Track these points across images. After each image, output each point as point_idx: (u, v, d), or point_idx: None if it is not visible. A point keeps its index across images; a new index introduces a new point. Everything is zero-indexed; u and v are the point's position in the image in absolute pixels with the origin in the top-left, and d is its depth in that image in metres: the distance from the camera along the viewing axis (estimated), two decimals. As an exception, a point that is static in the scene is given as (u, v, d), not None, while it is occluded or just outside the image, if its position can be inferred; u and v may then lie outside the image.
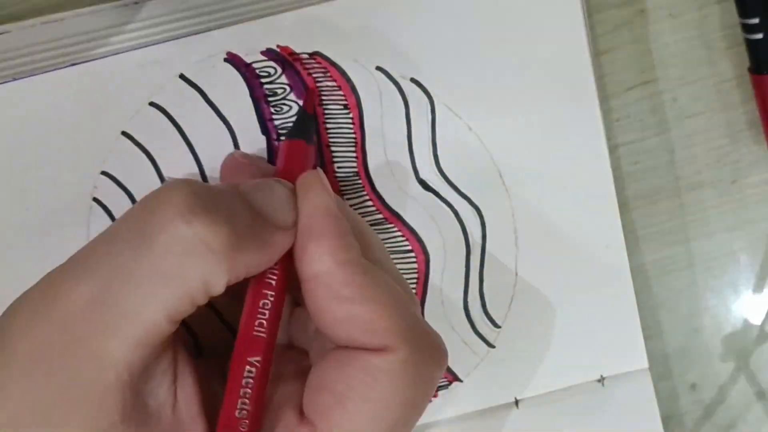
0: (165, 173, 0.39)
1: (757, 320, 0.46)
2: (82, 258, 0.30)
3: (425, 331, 0.32)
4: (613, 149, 0.42)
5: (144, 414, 0.29)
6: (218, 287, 0.29)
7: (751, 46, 0.40)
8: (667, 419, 0.45)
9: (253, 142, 0.38)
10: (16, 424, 0.28)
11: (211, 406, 0.31)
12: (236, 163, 0.37)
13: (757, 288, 0.45)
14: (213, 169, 0.39)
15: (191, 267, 0.28)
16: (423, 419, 0.41)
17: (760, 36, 0.39)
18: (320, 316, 0.31)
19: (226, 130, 0.38)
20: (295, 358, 0.35)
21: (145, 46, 0.37)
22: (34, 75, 0.37)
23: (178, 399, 0.30)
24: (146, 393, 0.29)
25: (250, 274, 0.30)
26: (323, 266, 0.31)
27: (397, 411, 0.30)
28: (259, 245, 0.30)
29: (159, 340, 0.28)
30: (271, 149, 0.38)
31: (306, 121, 0.36)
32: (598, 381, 0.43)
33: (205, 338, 0.38)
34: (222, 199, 0.30)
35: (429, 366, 0.31)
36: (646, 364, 0.43)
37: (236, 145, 0.38)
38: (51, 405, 0.28)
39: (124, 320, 0.28)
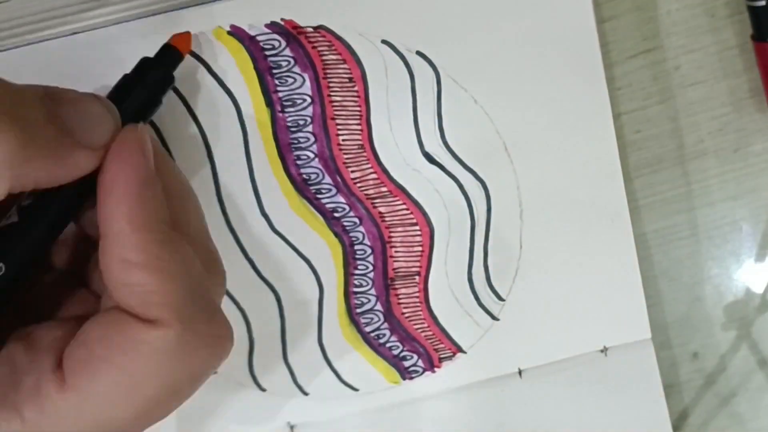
0: (170, 145, 0.41)
1: (758, 289, 0.49)
2: None
3: (210, 317, 0.32)
4: (615, 118, 0.44)
5: None
6: (1, 191, 0.28)
7: (754, 14, 0.43)
8: (668, 388, 0.49)
9: (257, 114, 0.41)
10: None
11: None
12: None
13: (759, 257, 0.49)
14: (217, 140, 0.41)
15: None
16: (426, 390, 0.45)
17: (763, 3, 0.42)
18: (106, 274, 0.31)
19: (230, 102, 0.40)
20: (85, 301, 0.35)
21: (148, 16, 0.39)
22: (38, 42, 0.39)
23: None
24: None
25: (40, 186, 0.30)
26: (117, 226, 0.30)
27: (153, 390, 0.30)
28: (53, 159, 0.29)
29: None
30: (275, 121, 0.41)
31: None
32: (601, 351, 0.46)
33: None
34: (21, 103, 0.29)
35: (201, 353, 0.31)
36: (648, 335, 0.46)
37: (240, 117, 0.41)
38: None
39: None
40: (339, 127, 0.41)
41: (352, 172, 0.42)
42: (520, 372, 0.46)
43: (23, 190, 0.29)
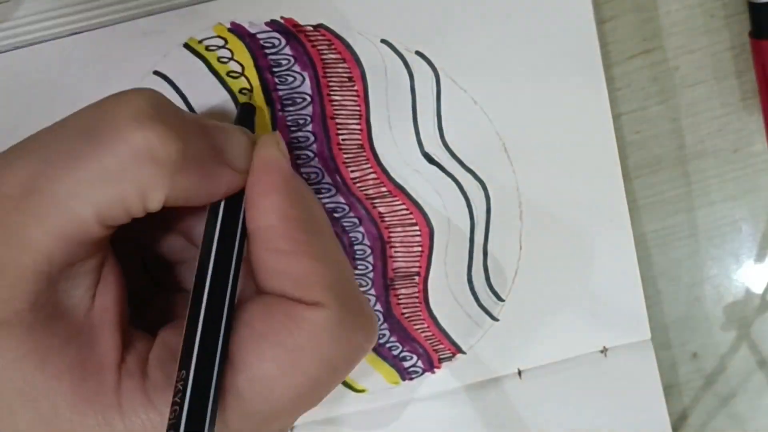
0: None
1: (758, 289, 0.49)
2: (27, 142, 0.31)
3: (360, 298, 0.34)
4: (614, 118, 0.45)
5: (55, 310, 0.30)
6: (154, 202, 0.30)
7: (754, 10, 0.43)
8: (668, 388, 0.49)
9: (258, 112, 0.41)
10: None
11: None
12: None
13: (759, 257, 0.49)
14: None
15: (131, 171, 0.29)
16: (427, 391, 0.45)
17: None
18: (258, 266, 0.33)
19: (230, 99, 0.41)
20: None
21: (150, 15, 0.40)
22: (39, 43, 0.39)
23: (95, 305, 0.32)
24: (62, 290, 0.31)
25: (189, 202, 0.32)
26: (267, 220, 0.33)
27: (315, 368, 0.32)
28: (205, 175, 0.32)
29: (86, 239, 0.30)
30: (275, 119, 0.41)
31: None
32: (601, 352, 0.47)
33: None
34: (183, 120, 0.31)
35: (357, 333, 0.33)
36: (648, 335, 0.46)
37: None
38: None
39: (53, 209, 0.29)
40: (338, 126, 0.42)
41: (352, 171, 0.42)
42: (519, 372, 0.47)
43: (174, 204, 0.31)
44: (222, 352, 0.31)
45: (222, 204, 0.34)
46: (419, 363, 0.46)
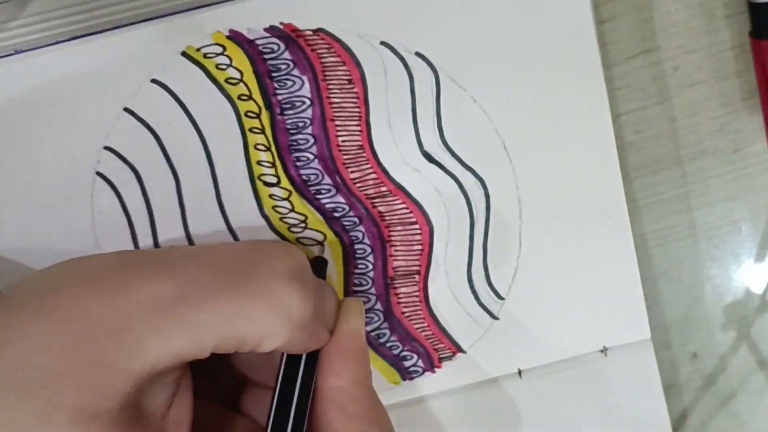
0: (168, 149, 0.41)
1: (758, 289, 0.50)
2: (179, 256, 0.35)
3: None
4: (614, 118, 0.45)
5: (136, 412, 0.32)
6: (266, 348, 0.34)
7: (753, 10, 0.43)
8: (668, 388, 0.49)
9: (257, 117, 0.41)
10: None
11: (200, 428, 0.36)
12: None
13: (759, 257, 0.49)
14: (216, 144, 0.42)
15: (265, 320, 0.33)
16: (426, 390, 0.45)
17: (762, -1, 0.42)
18: (321, 423, 0.36)
19: (230, 106, 0.41)
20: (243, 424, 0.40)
21: (147, 20, 0.40)
22: (36, 48, 0.40)
23: (171, 410, 0.34)
24: (146, 395, 0.33)
25: (289, 351, 0.36)
26: (342, 381, 0.37)
27: None
28: (312, 334, 0.36)
29: (189, 360, 0.33)
30: (275, 123, 0.41)
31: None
32: (601, 352, 0.47)
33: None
34: (315, 283, 0.36)
35: None
36: (648, 335, 0.47)
37: (239, 120, 0.41)
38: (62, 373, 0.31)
39: (180, 332, 0.32)
40: (338, 128, 0.42)
41: (352, 172, 0.43)
42: (519, 372, 0.47)
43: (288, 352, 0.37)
44: None
45: (303, 357, 0.37)
46: (419, 362, 0.47)
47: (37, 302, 0.32)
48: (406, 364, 0.47)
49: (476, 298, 0.45)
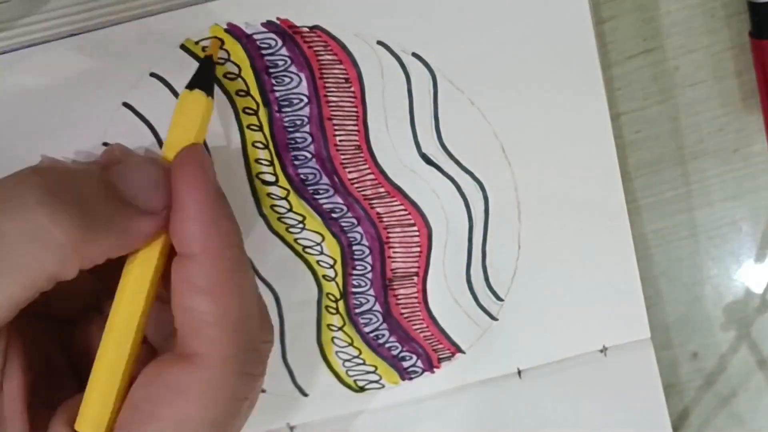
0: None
1: (758, 289, 0.49)
2: None
3: (251, 357, 0.33)
4: (614, 118, 0.45)
5: None
6: (68, 275, 0.30)
7: (754, 10, 0.43)
8: (668, 388, 0.49)
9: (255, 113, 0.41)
10: None
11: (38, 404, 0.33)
12: (113, 157, 0.38)
13: (759, 257, 0.49)
14: (215, 139, 0.41)
15: (35, 257, 0.29)
16: (425, 390, 0.45)
17: (763, -1, 0.42)
18: (173, 294, 0.32)
19: (228, 101, 0.41)
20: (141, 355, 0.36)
21: (145, 16, 0.40)
22: (35, 45, 0.40)
23: (4, 391, 0.32)
24: None
25: (111, 257, 0.32)
26: (189, 249, 0.32)
27: (195, 427, 0.32)
28: (116, 232, 0.31)
29: None
30: (273, 121, 0.41)
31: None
32: (601, 351, 0.47)
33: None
34: (77, 186, 0.31)
35: (240, 389, 0.33)
36: (648, 335, 0.46)
37: (237, 116, 0.41)
38: None
39: None
40: (336, 127, 0.42)
41: (350, 172, 0.42)
42: (519, 372, 0.47)
43: (96, 263, 0.31)
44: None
45: None
46: (419, 363, 0.47)
47: None
48: (405, 364, 0.47)
49: (475, 299, 0.45)
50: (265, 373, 0.35)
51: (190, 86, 0.37)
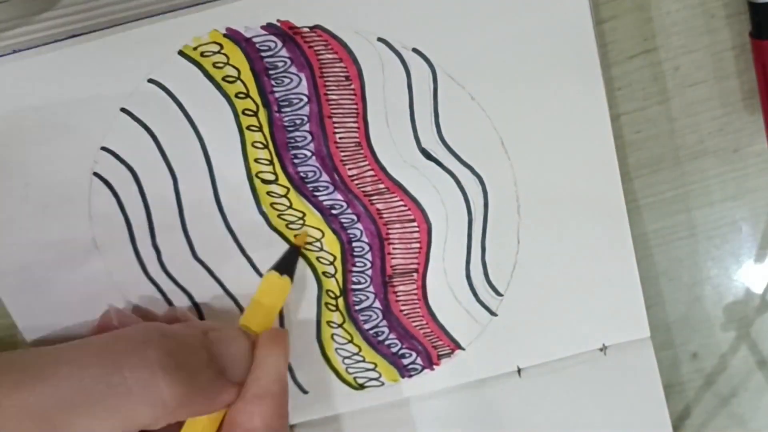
0: (166, 148, 0.42)
1: (758, 289, 0.49)
2: (59, 360, 0.34)
3: None
4: (614, 118, 0.45)
5: None
6: (153, 428, 0.34)
7: (754, 10, 0.43)
8: (668, 388, 0.49)
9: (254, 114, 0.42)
10: None
11: None
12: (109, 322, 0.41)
13: (759, 257, 0.49)
14: (214, 142, 0.42)
15: (142, 411, 0.33)
16: (425, 388, 0.45)
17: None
18: None
19: (227, 104, 0.41)
20: None
21: (144, 18, 0.40)
22: (33, 48, 0.40)
23: None
24: None
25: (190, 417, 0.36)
26: (253, 423, 0.36)
27: None
28: (209, 401, 0.35)
29: None
30: (272, 121, 0.42)
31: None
32: (600, 350, 0.47)
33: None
34: (190, 356, 0.35)
35: None
36: (647, 334, 0.46)
37: (237, 118, 0.41)
38: None
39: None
40: (336, 125, 0.42)
41: (350, 169, 0.43)
42: (519, 370, 0.47)
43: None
44: None
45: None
46: (418, 360, 0.47)
47: None
48: (405, 361, 0.47)
49: (475, 295, 0.45)
50: None
51: (278, 269, 0.42)
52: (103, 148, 0.41)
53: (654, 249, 0.48)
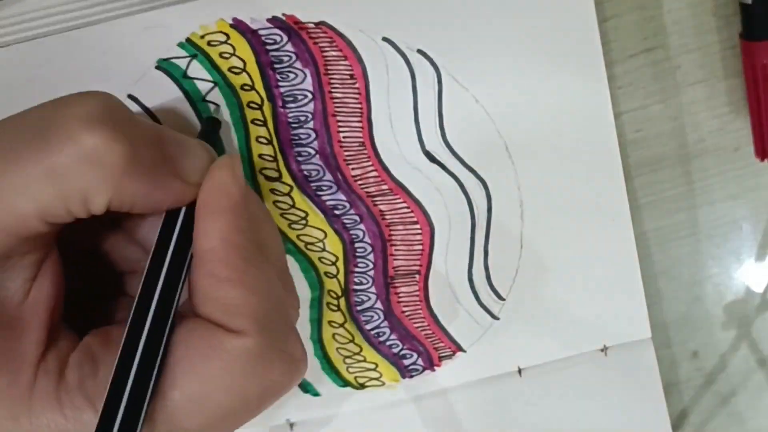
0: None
1: (758, 288, 0.50)
2: None
3: (287, 335, 0.34)
4: (616, 117, 0.45)
5: None
6: (97, 204, 0.31)
7: (744, 11, 0.43)
8: (668, 387, 0.50)
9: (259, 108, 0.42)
10: None
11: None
12: None
13: (759, 256, 0.49)
14: (220, 133, 0.42)
15: (75, 172, 0.30)
16: (426, 389, 0.45)
17: (749, 1, 0.42)
18: (194, 288, 0.33)
19: (233, 95, 0.41)
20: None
21: (152, 9, 0.40)
22: (40, 38, 0.40)
23: (30, 298, 0.32)
24: None
25: (134, 208, 0.32)
26: (209, 244, 0.33)
27: (226, 399, 0.32)
28: (153, 182, 0.32)
29: (26, 234, 0.31)
30: (277, 116, 0.41)
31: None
32: (601, 350, 0.47)
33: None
34: (135, 125, 0.32)
35: (275, 368, 0.33)
36: (648, 334, 0.47)
37: (242, 111, 0.41)
38: None
39: None
40: (340, 124, 0.42)
41: (353, 169, 0.43)
42: (519, 371, 0.47)
43: (119, 209, 0.32)
44: (158, 368, 0.32)
45: (180, 216, 0.35)
46: (419, 361, 0.47)
47: None
48: (406, 362, 0.47)
49: (477, 298, 0.45)
50: (305, 361, 0.35)
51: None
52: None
53: (654, 248, 0.48)
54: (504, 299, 0.46)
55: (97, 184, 0.30)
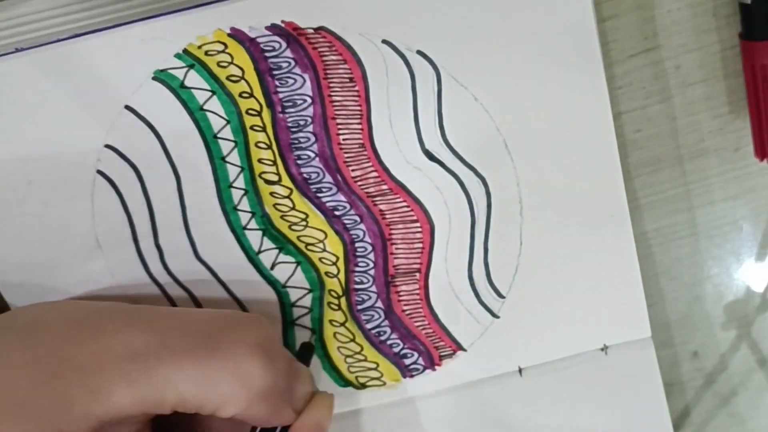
0: (169, 147, 0.42)
1: (759, 288, 0.50)
2: (153, 316, 0.37)
3: None
4: (615, 117, 0.45)
5: None
6: (224, 413, 0.35)
7: (743, 11, 0.43)
8: (668, 387, 0.50)
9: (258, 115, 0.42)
10: None
11: None
12: None
13: (759, 256, 0.49)
14: (219, 140, 0.42)
15: (226, 385, 0.35)
16: (427, 388, 0.46)
17: (748, 0, 0.43)
18: None
19: (231, 104, 0.41)
20: None
21: (149, 18, 0.40)
22: (37, 46, 0.40)
23: None
24: None
25: (249, 421, 0.37)
26: None
27: None
28: (275, 409, 0.37)
29: (152, 413, 0.35)
30: (276, 121, 0.42)
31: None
32: (602, 350, 0.47)
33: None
34: (281, 357, 0.38)
35: None
36: (649, 333, 0.47)
37: (240, 118, 0.42)
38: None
39: (146, 384, 0.34)
40: (339, 126, 0.42)
41: (353, 170, 0.43)
42: (520, 370, 0.47)
43: (227, 416, 0.36)
44: None
45: None
46: (420, 360, 0.47)
47: (25, 334, 0.35)
48: (407, 361, 0.47)
49: (477, 296, 0.46)
50: None
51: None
52: (107, 146, 0.42)
53: (655, 248, 0.48)
54: (504, 297, 0.46)
55: (236, 400, 0.35)
